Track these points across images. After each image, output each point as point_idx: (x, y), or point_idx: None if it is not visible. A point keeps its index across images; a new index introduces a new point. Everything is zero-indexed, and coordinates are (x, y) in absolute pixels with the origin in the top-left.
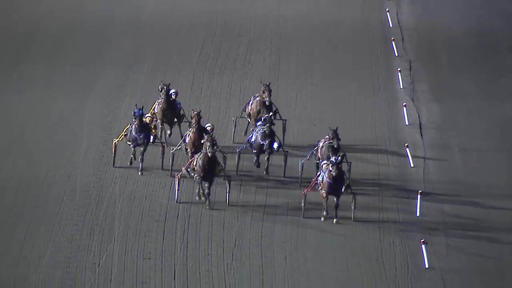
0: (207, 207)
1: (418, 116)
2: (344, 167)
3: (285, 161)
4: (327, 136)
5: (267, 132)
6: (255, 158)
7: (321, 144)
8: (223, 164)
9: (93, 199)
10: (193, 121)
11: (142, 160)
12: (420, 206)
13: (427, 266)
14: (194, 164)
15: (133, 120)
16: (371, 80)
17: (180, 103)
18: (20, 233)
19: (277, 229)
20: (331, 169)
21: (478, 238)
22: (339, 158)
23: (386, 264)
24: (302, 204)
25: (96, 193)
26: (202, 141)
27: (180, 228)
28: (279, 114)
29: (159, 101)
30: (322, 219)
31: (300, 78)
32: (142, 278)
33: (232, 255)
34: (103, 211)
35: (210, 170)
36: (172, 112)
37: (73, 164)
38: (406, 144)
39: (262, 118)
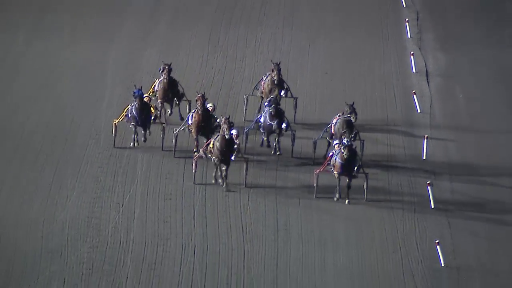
0: (224, 190)
1: (425, 64)
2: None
3: (293, 141)
4: (340, 114)
5: (273, 113)
6: (263, 138)
7: (334, 121)
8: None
9: (117, 143)
10: (198, 103)
11: (145, 139)
12: (426, 150)
13: (432, 207)
14: (211, 146)
15: (133, 100)
16: (380, 30)
17: (178, 81)
18: (49, 175)
19: (290, 177)
20: (343, 151)
21: (482, 180)
22: (351, 139)
23: (393, 204)
24: (314, 184)
25: (120, 136)
26: (219, 122)
27: (199, 170)
28: (291, 92)
29: (159, 80)
30: (335, 199)
31: (312, 29)
32: (164, 217)
33: (248, 196)
34: (126, 154)
35: (228, 152)
36: (173, 91)
37: (97, 110)
38: (413, 91)
39: (268, 99)
